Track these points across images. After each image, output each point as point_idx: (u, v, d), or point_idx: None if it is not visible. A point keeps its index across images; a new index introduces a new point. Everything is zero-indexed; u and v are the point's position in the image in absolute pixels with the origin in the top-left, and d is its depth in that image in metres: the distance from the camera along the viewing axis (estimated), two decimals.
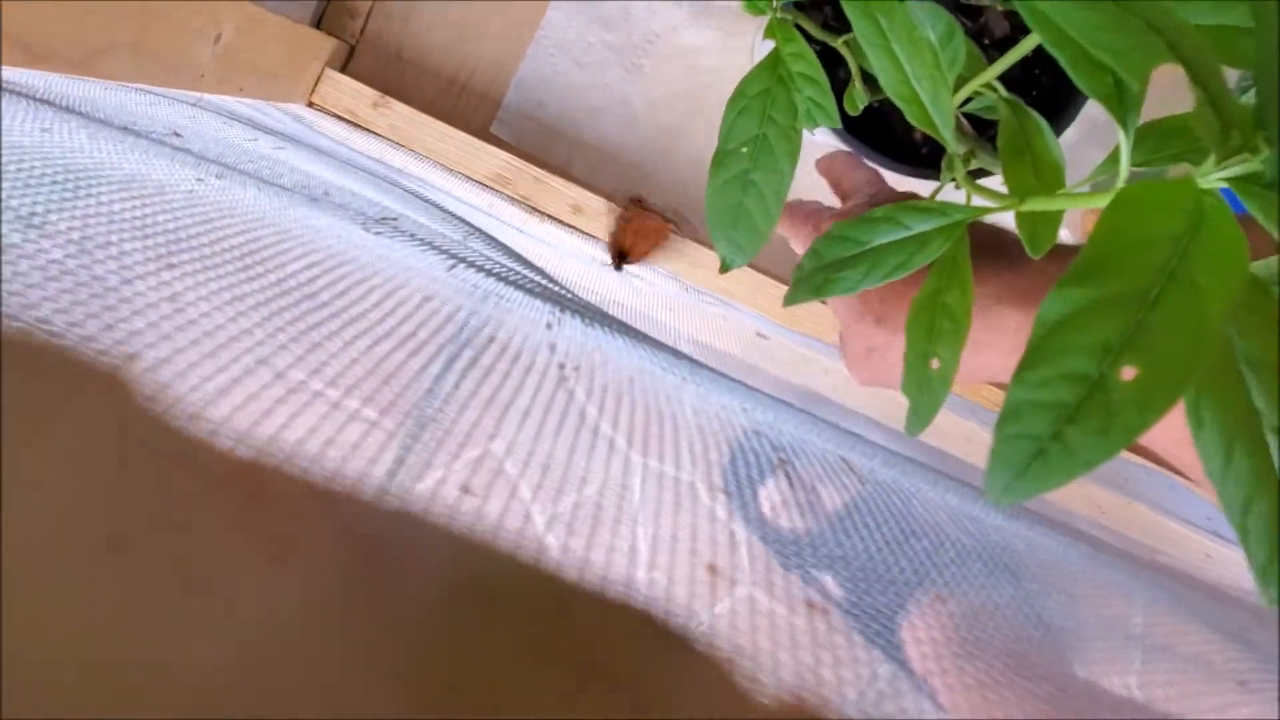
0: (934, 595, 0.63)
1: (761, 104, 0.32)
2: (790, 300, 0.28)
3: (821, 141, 0.88)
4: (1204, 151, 0.19)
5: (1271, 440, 0.18)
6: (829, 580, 0.65)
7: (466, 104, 0.95)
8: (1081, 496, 0.85)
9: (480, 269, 0.72)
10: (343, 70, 0.90)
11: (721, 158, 0.31)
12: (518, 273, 0.76)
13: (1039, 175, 0.27)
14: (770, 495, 0.68)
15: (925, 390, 0.26)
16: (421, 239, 0.71)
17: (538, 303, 0.75)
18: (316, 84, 0.86)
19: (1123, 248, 0.17)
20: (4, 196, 0.40)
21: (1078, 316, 0.17)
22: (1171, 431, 0.28)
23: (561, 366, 0.70)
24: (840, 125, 0.33)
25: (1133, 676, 0.67)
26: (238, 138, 0.63)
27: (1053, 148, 0.28)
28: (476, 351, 0.68)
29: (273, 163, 0.68)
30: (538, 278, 0.81)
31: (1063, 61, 0.20)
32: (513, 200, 0.88)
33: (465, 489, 0.65)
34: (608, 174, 0.95)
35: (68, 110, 0.58)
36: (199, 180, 0.54)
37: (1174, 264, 0.17)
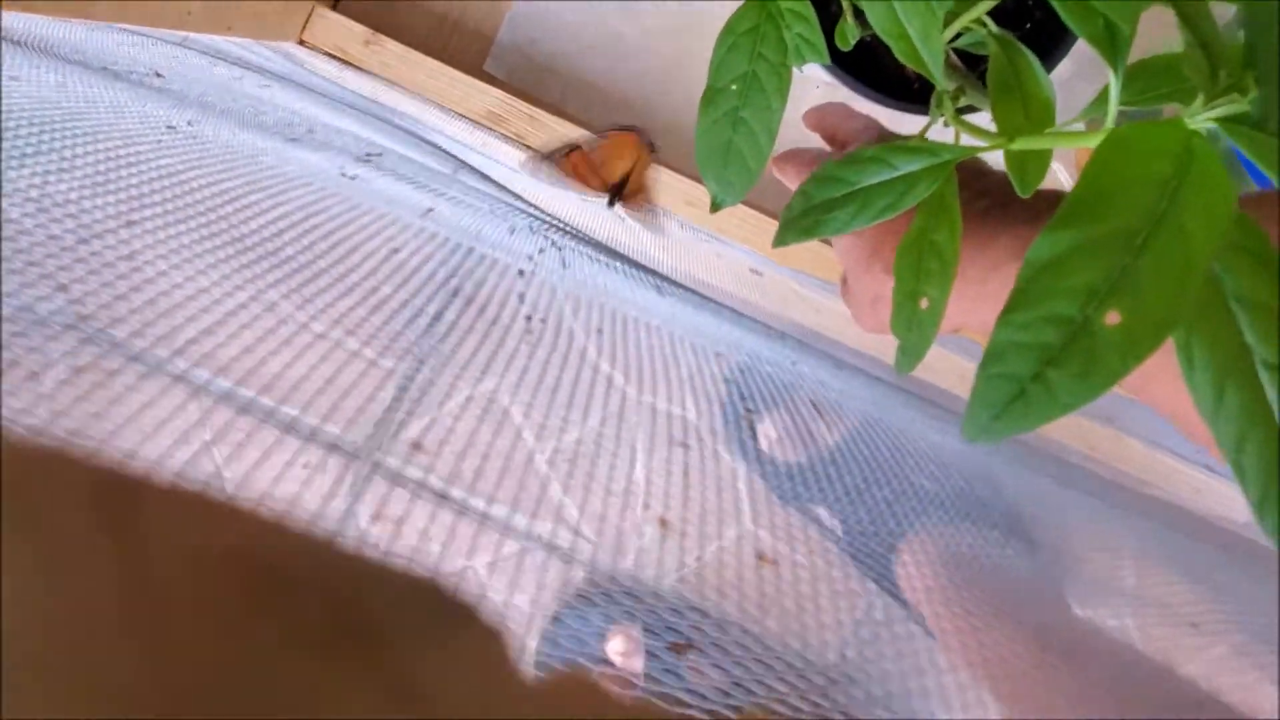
0: (926, 531, 0.64)
1: (751, 40, 0.31)
2: (779, 242, 0.28)
3: (812, 76, 0.87)
4: (1193, 92, 0.19)
5: (1264, 375, 0.18)
6: (825, 514, 0.66)
7: (459, 41, 0.94)
8: (1074, 430, 0.85)
9: (467, 205, 0.71)
10: (333, 8, 0.89)
11: (711, 95, 0.30)
12: (510, 205, 0.76)
13: (1028, 113, 0.26)
14: (768, 431, 0.68)
15: (914, 329, 0.26)
16: (407, 176, 0.70)
17: (533, 237, 0.75)
18: (307, 22, 0.85)
19: (1111, 190, 0.17)
20: None
21: (1064, 259, 0.17)
22: (1155, 384, 0.28)
23: (547, 306, 0.70)
24: (829, 61, 0.33)
25: (1111, 619, 0.68)
26: (222, 76, 0.63)
27: (1043, 85, 0.27)
28: (463, 292, 0.68)
29: (256, 101, 0.67)
30: (533, 211, 0.81)
31: (1052, 1, 0.20)
32: (506, 138, 0.87)
33: (447, 437, 0.66)
34: (603, 111, 0.94)
35: (46, 53, 0.57)
36: (169, 128, 0.53)
37: (1163, 207, 0.17)
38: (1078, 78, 0.84)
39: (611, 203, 0.86)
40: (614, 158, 0.86)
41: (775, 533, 0.69)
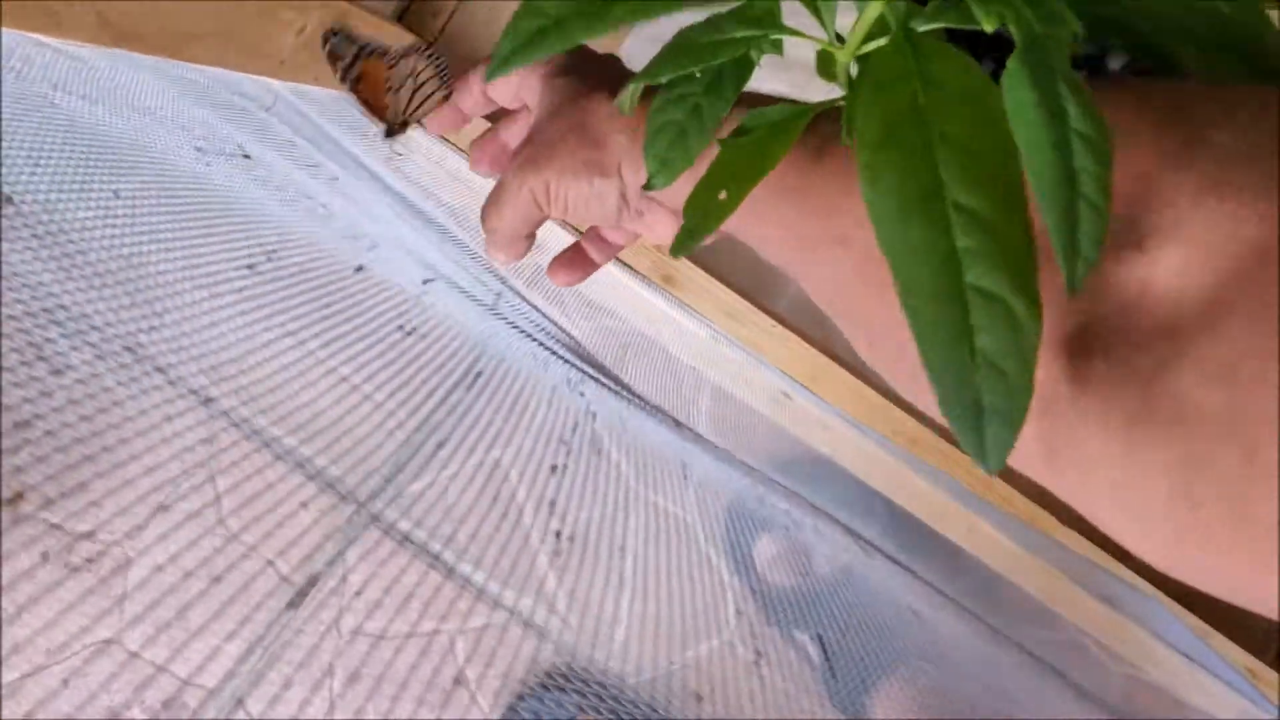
0: (903, 678, 0.63)
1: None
2: (495, 69, 0.26)
3: None
4: None
5: (953, 216, 0.18)
6: (807, 642, 0.66)
7: None
8: (1081, 608, 0.84)
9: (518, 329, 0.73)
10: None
11: (678, 79, 0.29)
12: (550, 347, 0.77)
13: None
14: (765, 548, 0.68)
15: (707, 217, 0.26)
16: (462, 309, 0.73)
17: (563, 368, 0.77)
18: None
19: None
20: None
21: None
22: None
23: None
24: None
25: None
26: (298, 170, 0.66)
27: None
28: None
29: (326, 207, 0.71)
30: (569, 357, 0.82)
31: None
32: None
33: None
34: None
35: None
36: (265, 255, 0.57)
37: None
38: None
39: (390, 133, 0.69)
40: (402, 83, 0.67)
41: (755, 649, 0.68)
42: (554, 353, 0.72)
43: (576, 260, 0.44)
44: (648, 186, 0.30)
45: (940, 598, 0.77)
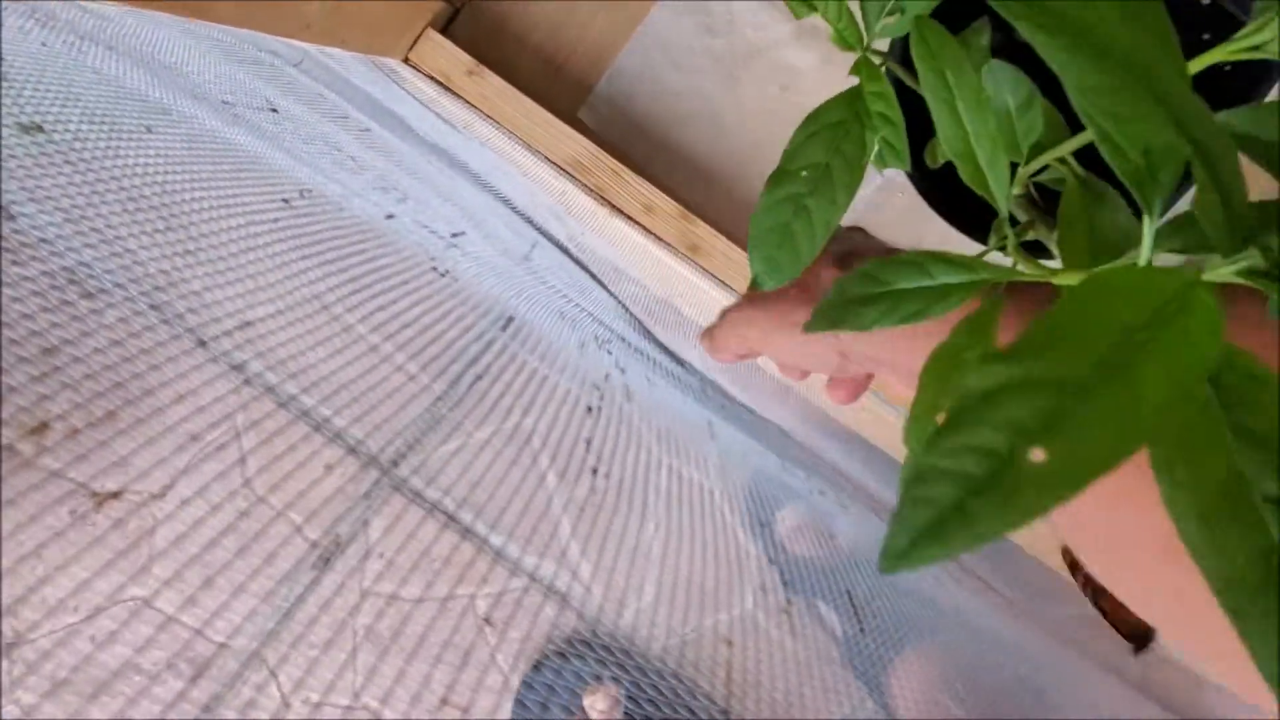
0: (923, 650, 0.63)
1: (833, 134, 0.32)
2: (811, 328, 0.28)
3: (894, 181, 0.87)
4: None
5: (1265, 510, 0.17)
6: (828, 611, 0.66)
7: (559, 87, 0.97)
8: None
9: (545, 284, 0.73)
10: (443, 33, 0.92)
11: (780, 177, 0.31)
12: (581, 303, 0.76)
13: (1094, 250, 0.27)
14: (786, 518, 0.68)
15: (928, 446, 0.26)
16: (494, 236, 0.72)
17: (595, 326, 0.76)
18: (415, 42, 0.88)
19: (1070, 331, 0.17)
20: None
21: (1000, 391, 0.17)
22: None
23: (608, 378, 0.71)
24: (910, 168, 0.33)
25: None
26: (328, 122, 0.66)
27: (1116, 222, 0.27)
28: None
29: (356, 160, 0.71)
30: (601, 316, 0.81)
31: (1083, 119, 0.20)
32: (586, 189, 0.89)
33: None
34: (684, 180, 0.96)
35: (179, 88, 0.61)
36: (284, 201, 0.56)
37: (1121, 357, 0.16)
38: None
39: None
40: None
41: (776, 619, 0.68)
42: (584, 310, 0.72)
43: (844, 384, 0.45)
44: (753, 285, 0.31)
45: (961, 571, 0.77)
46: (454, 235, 0.71)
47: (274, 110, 0.66)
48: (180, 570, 0.64)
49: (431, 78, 0.88)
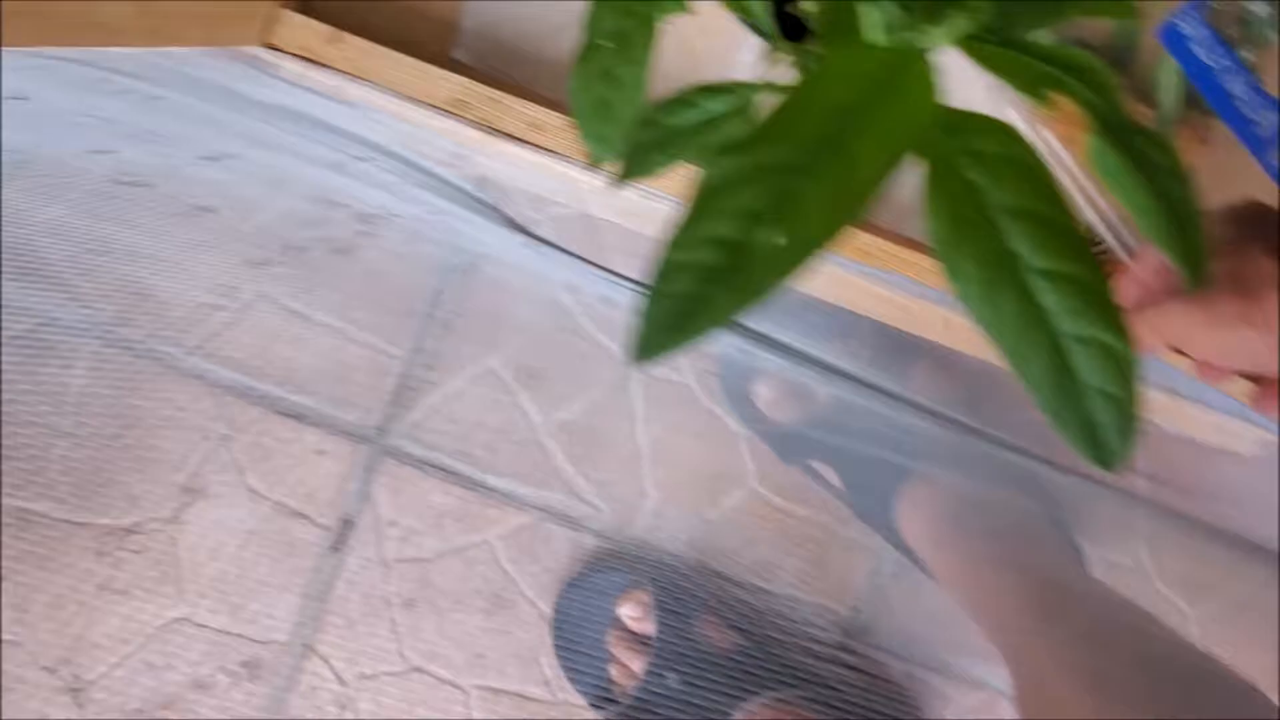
0: (927, 477, 0.64)
1: None
2: (621, 181, 0.28)
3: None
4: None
5: (1036, 283, 0.19)
6: (827, 470, 0.67)
7: (425, 31, 0.95)
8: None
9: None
10: (299, 10, 0.90)
11: (585, 53, 0.30)
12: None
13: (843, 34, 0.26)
14: (763, 392, 0.69)
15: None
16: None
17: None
18: (273, 26, 0.86)
19: (795, 117, 0.18)
20: None
21: (731, 183, 0.17)
22: None
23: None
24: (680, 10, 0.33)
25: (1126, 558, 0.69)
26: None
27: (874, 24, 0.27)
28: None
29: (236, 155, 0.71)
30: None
31: None
32: (473, 123, 0.88)
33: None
34: None
35: None
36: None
37: (840, 133, 0.17)
38: None
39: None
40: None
41: (782, 492, 0.70)
42: (543, 240, 0.72)
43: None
44: (594, 162, 0.30)
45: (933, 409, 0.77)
46: (372, 212, 0.71)
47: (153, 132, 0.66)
48: (211, 583, 0.66)
49: (298, 55, 0.87)
